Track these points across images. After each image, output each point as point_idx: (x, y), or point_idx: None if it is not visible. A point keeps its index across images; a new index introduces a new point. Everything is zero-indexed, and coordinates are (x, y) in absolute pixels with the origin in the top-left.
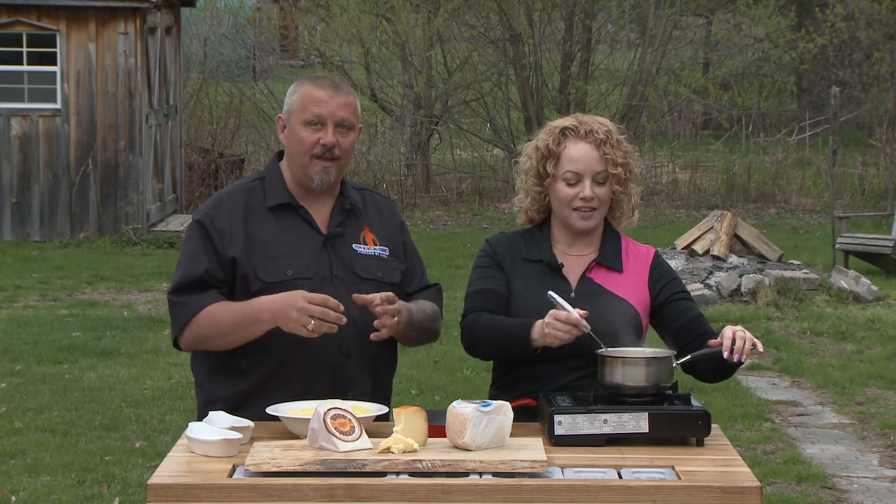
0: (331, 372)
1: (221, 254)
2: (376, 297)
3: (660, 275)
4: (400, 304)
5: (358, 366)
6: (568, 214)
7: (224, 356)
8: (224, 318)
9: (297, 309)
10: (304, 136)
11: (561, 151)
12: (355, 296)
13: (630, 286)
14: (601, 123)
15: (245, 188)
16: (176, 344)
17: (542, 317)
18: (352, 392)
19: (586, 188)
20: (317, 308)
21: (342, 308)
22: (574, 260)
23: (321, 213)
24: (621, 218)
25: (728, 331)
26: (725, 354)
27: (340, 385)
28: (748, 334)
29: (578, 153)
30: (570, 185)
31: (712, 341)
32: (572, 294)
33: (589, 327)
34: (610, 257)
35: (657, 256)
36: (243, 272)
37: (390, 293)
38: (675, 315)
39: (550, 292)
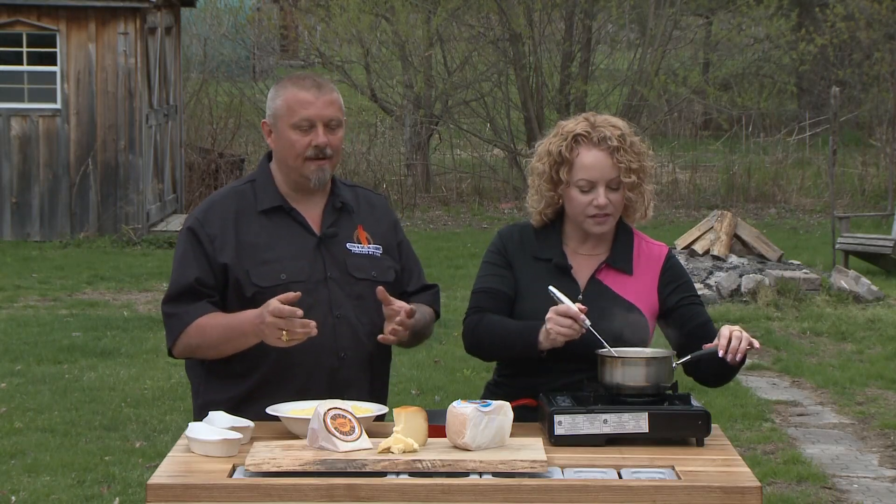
0: (327, 375)
1: (212, 259)
2: (400, 309)
3: (671, 278)
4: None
5: (354, 367)
6: (582, 220)
7: (219, 361)
8: (213, 331)
9: (266, 325)
10: (294, 139)
11: (574, 158)
12: (379, 289)
13: (639, 289)
14: (614, 127)
15: (236, 191)
16: (170, 353)
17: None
18: (349, 394)
19: (600, 196)
20: (280, 321)
21: (300, 313)
22: (584, 260)
23: (313, 214)
24: (635, 215)
25: (725, 330)
26: (721, 353)
27: (337, 387)
28: (745, 334)
29: (591, 160)
30: (583, 192)
31: (707, 345)
32: (580, 296)
33: (588, 322)
34: (620, 259)
35: (669, 258)
36: (236, 277)
37: (413, 308)
38: (683, 320)
39: (551, 287)
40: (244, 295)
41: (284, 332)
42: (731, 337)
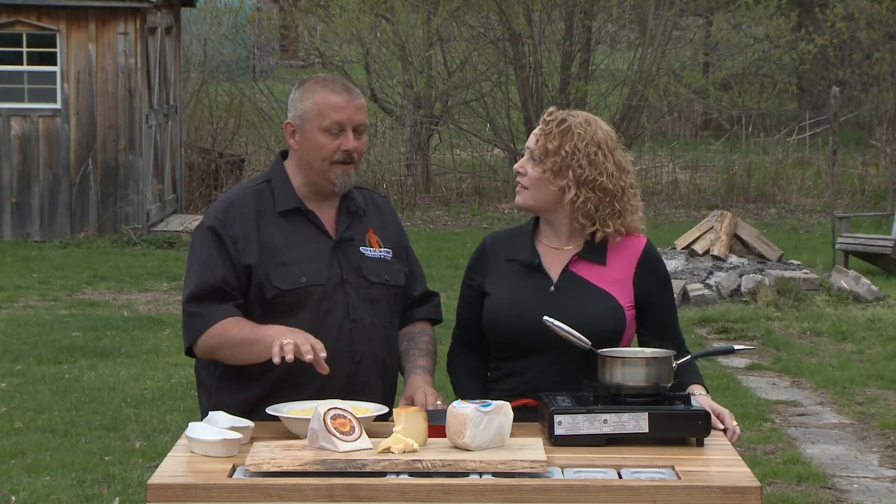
0: (343, 379)
1: (236, 261)
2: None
3: (644, 275)
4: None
5: (369, 371)
6: None
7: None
8: (237, 335)
9: (293, 337)
10: (323, 142)
11: None
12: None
13: (614, 279)
14: (568, 112)
15: (253, 191)
16: (189, 352)
17: (515, 315)
18: (362, 398)
19: (519, 161)
20: (306, 345)
21: (324, 355)
22: (558, 254)
23: (328, 216)
24: (596, 223)
25: (720, 412)
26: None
27: (352, 391)
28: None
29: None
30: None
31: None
32: (552, 288)
33: None
34: (593, 251)
35: (646, 252)
36: (259, 280)
37: (435, 398)
38: (646, 326)
39: (546, 317)
40: (265, 297)
41: (294, 346)
42: (728, 426)
